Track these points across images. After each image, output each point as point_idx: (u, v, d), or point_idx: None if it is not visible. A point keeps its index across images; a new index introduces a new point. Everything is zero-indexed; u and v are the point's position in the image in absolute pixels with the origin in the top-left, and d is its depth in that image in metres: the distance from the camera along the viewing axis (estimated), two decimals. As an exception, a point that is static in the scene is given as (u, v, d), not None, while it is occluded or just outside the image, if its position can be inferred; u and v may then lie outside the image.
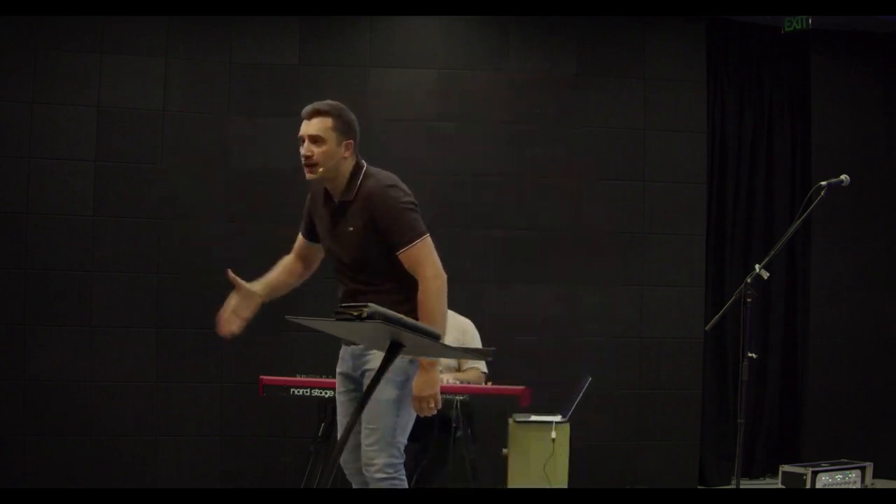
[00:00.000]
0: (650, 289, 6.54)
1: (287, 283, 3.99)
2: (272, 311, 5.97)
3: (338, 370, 3.93)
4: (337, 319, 2.81)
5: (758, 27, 6.84)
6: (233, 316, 3.77)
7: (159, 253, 6.18)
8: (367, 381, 3.75)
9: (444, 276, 3.69)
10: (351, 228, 3.74)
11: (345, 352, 3.91)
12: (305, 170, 3.75)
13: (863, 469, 6.00)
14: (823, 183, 4.66)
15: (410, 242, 3.68)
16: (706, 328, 5.03)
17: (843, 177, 4.64)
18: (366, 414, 3.71)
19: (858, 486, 5.93)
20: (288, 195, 6.29)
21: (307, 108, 3.77)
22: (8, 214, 6.02)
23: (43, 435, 5.99)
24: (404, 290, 3.71)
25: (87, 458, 6.02)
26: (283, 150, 6.31)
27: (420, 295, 3.67)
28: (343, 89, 6.32)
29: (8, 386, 5.97)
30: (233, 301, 3.79)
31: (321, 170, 3.72)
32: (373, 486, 3.70)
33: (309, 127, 3.74)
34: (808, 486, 5.73)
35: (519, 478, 5.37)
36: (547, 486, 5.29)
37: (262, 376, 5.20)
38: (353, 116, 3.82)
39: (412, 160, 6.26)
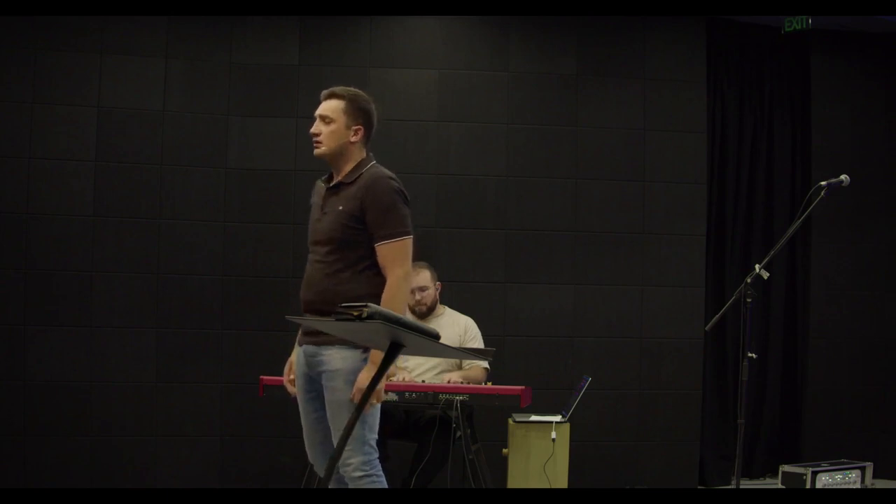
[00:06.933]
0: (650, 289, 6.54)
1: None
2: (272, 311, 6.07)
3: (296, 370, 3.96)
4: (337, 319, 2.82)
5: (758, 27, 6.84)
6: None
7: (159, 253, 6.17)
8: (325, 383, 3.78)
9: (411, 283, 3.70)
10: (340, 207, 3.79)
11: (299, 352, 3.93)
12: (314, 146, 3.89)
13: (863, 469, 6.01)
14: (823, 183, 4.67)
15: (391, 238, 3.70)
16: (706, 328, 5.03)
17: (843, 177, 4.65)
18: (332, 417, 3.75)
19: (858, 486, 5.94)
20: (288, 195, 6.30)
21: (325, 91, 3.91)
22: (8, 214, 6.02)
23: (43, 435, 5.98)
24: (360, 280, 3.74)
25: (87, 458, 6.02)
26: (283, 150, 6.33)
27: (386, 292, 3.69)
28: (343, 89, 6.33)
29: (8, 386, 5.97)
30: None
31: (325, 148, 3.86)
32: (351, 485, 3.73)
33: (322, 107, 3.89)
34: (808, 486, 5.74)
35: (519, 478, 5.37)
36: (547, 486, 5.29)
37: (262, 376, 5.21)
38: (369, 107, 3.93)
39: (412, 160, 6.27)
